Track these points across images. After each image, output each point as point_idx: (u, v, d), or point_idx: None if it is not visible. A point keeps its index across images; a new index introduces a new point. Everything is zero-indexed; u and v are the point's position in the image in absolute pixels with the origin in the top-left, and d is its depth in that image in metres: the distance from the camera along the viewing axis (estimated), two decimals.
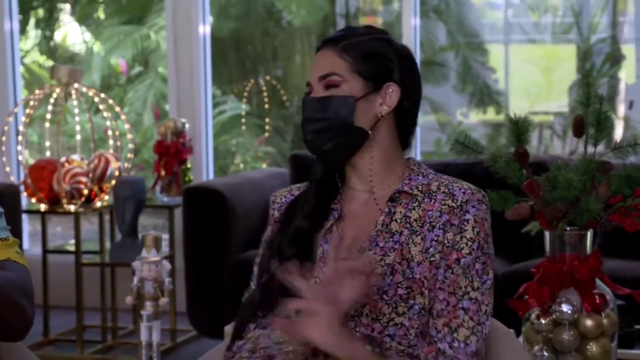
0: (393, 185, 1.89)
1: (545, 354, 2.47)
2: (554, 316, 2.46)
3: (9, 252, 1.74)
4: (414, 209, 1.85)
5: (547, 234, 2.50)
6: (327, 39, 1.90)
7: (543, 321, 2.47)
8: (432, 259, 1.81)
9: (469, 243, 1.81)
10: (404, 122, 1.92)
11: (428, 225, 1.83)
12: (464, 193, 1.83)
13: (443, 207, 1.83)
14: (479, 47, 7.88)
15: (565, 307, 2.45)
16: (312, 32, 7.62)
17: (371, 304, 1.79)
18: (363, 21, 7.85)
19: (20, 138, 4.84)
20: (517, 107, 7.46)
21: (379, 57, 1.89)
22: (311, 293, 1.69)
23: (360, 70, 1.87)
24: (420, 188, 1.87)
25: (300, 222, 1.88)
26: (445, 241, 1.82)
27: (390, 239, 1.83)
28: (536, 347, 2.48)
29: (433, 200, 1.84)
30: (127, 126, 5.04)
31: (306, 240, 1.86)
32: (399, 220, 1.85)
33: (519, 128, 2.47)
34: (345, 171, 1.93)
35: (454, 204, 1.82)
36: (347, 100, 1.85)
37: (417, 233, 1.83)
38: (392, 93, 1.89)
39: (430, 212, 1.83)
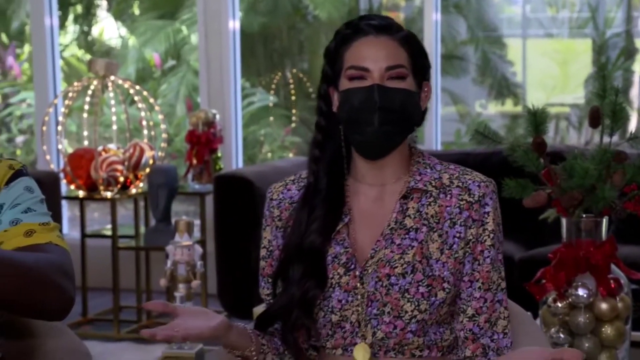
0: (402, 178, 1.80)
1: (562, 335, 2.46)
2: (570, 300, 2.46)
3: (51, 235, 1.74)
4: (429, 204, 1.77)
5: (563, 220, 2.49)
6: (378, 27, 1.76)
7: (559, 304, 2.46)
8: (456, 255, 1.76)
9: (491, 235, 1.78)
10: (424, 115, 1.87)
11: (448, 221, 1.77)
12: (479, 187, 1.77)
13: (461, 202, 1.77)
14: (497, 41, 7.84)
15: (581, 291, 2.44)
16: (337, 27, 7.60)
17: (393, 303, 1.74)
18: None
19: (59, 128, 4.86)
20: (534, 99, 7.40)
21: (423, 54, 1.81)
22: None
23: (414, 66, 1.78)
24: (433, 183, 1.78)
25: (312, 237, 1.77)
26: (470, 236, 1.77)
27: (407, 236, 1.77)
28: (553, 330, 2.48)
29: (449, 196, 1.77)
30: (160, 117, 5.06)
31: (319, 256, 1.77)
32: (412, 216, 1.77)
33: (537, 119, 2.45)
34: (354, 163, 1.83)
35: (472, 199, 1.77)
36: (415, 96, 1.78)
37: (435, 230, 1.76)
38: (427, 92, 1.83)
39: (448, 209, 1.77)
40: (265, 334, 1.84)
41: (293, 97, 7.48)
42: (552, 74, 7.94)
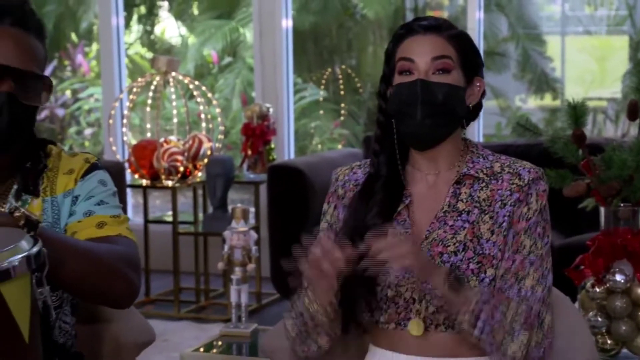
0: (457, 167, 1.83)
1: (599, 319, 2.43)
2: (607, 285, 2.42)
3: (121, 228, 1.76)
4: (481, 189, 1.80)
5: (602, 209, 2.46)
6: (427, 27, 1.77)
7: (597, 289, 2.43)
8: (504, 233, 1.78)
9: (533, 212, 1.79)
10: (478, 109, 1.86)
11: (499, 203, 1.79)
12: (529, 172, 1.80)
13: (512, 186, 1.79)
14: (537, 38, 7.76)
15: (618, 277, 2.41)
16: (384, 25, 7.57)
17: None
18: (430, 15, 7.78)
19: (124, 121, 4.91)
20: (573, 93, 7.32)
21: (474, 51, 1.81)
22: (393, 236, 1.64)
23: (462, 62, 1.78)
24: (484, 171, 1.81)
25: (374, 220, 1.79)
26: (514, 215, 1.78)
27: (459, 218, 1.79)
28: (591, 313, 2.44)
29: (500, 181, 1.80)
30: (217, 111, 5.08)
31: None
32: (464, 200, 1.80)
33: (577, 112, 2.42)
34: (411, 153, 1.85)
35: (521, 183, 1.79)
36: (459, 90, 1.78)
37: (486, 212, 1.79)
38: (479, 87, 1.82)
39: (500, 192, 1.79)
40: None
41: (342, 92, 7.47)
42: (590, 69, 7.84)
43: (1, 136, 1.66)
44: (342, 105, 7.42)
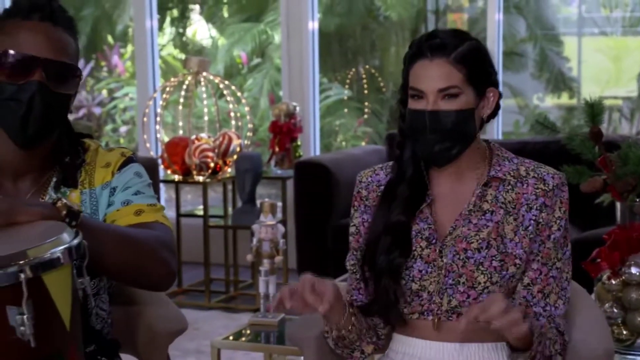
0: (480, 168, 1.83)
1: (615, 310, 2.41)
2: (623, 277, 2.40)
3: (157, 215, 1.77)
4: (507, 191, 1.80)
5: (618, 204, 2.44)
6: (434, 47, 1.74)
7: (613, 282, 2.41)
8: (530, 235, 1.78)
9: (558, 221, 1.80)
10: (495, 113, 1.84)
11: (525, 206, 1.79)
12: (552, 178, 1.80)
13: (537, 190, 1.79)
14: (554, 39, 7.70)
15: (634, 270, 2.39)
16: (406, 27, 7.55)
17: (468, 274, 1.77)
18: (451, 17, 7.73)
19: (158, 119, 4.93)
20: (589, 92, 7.26)
21: (483, 64, 1.78)
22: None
23: (472, 80, 1.75)
24: (511, 174, 1.81)
25: (398, 217, 1.80)
26: (541, 220, 1.78)
27: (483, 217, 1.79)
28: (607, 305, 2.42)
29: (526, 185, 1.80)
30: (246, 109, 5.09)
31: (403, 231, 1.81)
32: (490, 201, 1.80)
33: (594, 110, 2.40)
34: None
35: (546, 188, 1.79)
36: (467, 114, 1.76)
37: (511, 214, 1.79)
38: (492, 97, 1.80)
39: (525, 195, 1.79)
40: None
41: (365, 91, 7.45)
42: (605, 69, 7.78)
43: (36, 123, 1.68)
44: (366, 104, 7.40)
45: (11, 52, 1.66)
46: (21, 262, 1.28)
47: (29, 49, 1.66)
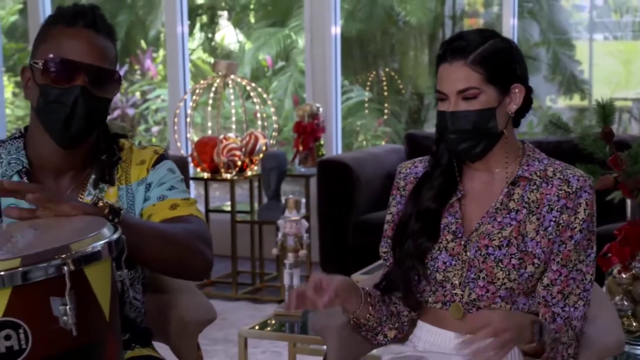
0: (511, 167, 1.80)
1: (625, 303, 2.39)
2: (633, 271, 2.38)
3: (191, 209, 1.79)
4: (532, 191, 1.77)
5: (628, 201, 2.43)
6: (454, 50, 1.74)
7: (624, 275, 2.40)
8: (550, 236, 1.75)
9: (580, 223, 1.76)
10: (520, 109, 1.80)
11: (547, 207, 1.76)
12: (577, 180, 1.76)
13: (560, 192, 1.76)
14: (567, 43, 7.64)
15: None
16: (424, 32, 7.52)
17: (488, 270, 1.75)
18: (467, 22, 7.70)
19: (188, 120, 4.94)
20: (600, 94, 7.20)
21: (505, 62, 1.75)
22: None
23: (493, 79, 1.73)
24: (538, 174, 1.78)
25: (428, 203, 1.81)
26: (561, 221, 1.75)
27: (508, 215, 1.77)
28: (617, 297, 2.41)
29: (550, 185, 1.77)
30: (272, 110, 5.09)
31: (432, 217, 1.80)
32: (516, 200, 1.78)
33: (605, 111, 2.38)
34: None
35: (569, 190, 1.75)
36: (488, 112, 1.74)
37: (534, 213, 1.76)
38: (518, 93, 1.77)
39: (548, 196, 1.76)
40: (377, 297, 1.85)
41: (385, 93, 7.43)
42: (616, 71, 7.71)
43: (78, 125, 1.70)
44: (385, 105, 7.38)
45: (56, 58, 1.68)
46: (64, 255, 1.29)
47: (73, 54, 1.68)
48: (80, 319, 1.30)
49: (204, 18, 8.21)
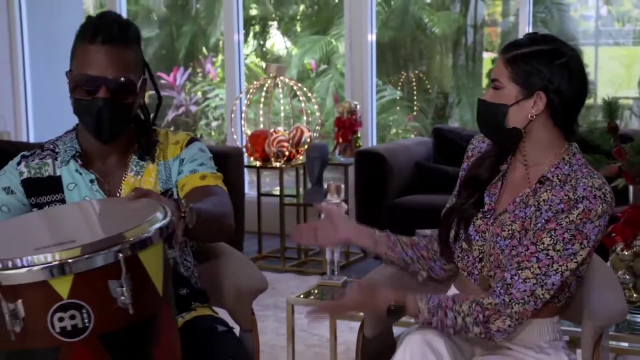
0: (545, 166, 1.69)
1: (627, 277, 2.36)
2: (634, 249, 2.34)
3: (218, 181, 1.83)
4: (547, 191, 1.66)
5: (631, 187, 2.38)
6: (507, 46, 1.70)
7: (626, 253, 2.36)
8: (537, 232, 1.64)
9: (568, 222, 1.61)
10: (557, 116, 1.67)
11: (547, 207, 1.65)
12: (584, 189, 1.61)
13: (564, 197, 1.62)
14: (575, 48, 7.51)
15: None
16: (448, 39, 7.44)
17: (495, 256, 1.70)
18: (486, 31, 7.59)
19: (243, 115, 4.95)
20: (604, 93, 7.07)
21: (533, 71, 1.64)
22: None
23: (517, 80, 1.65)
24: (560, 177, 1.65)
25: (484, 172, 1.77)
26: (549, 219, 1.63)
27: (522, 210, 1.69)
28: (620, 272, 2.37)
29: (561, 189, 1.63)
30: (315, 107, 5.08)
31: (480, 185, 1.77)
32: (536, 198, 1.68)
33: (611, 107, 2.34)
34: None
35: (572, 197, 1.61)
36: (500, 107, 1.68)
37: (541, 212, 1.66)
38: (539, 100, 1.66)
39: (553, 198, 1.64)
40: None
41: (414, 92, 7.38)
42: (619, 74, 7.57)
43: (106, 129, 1.75)
44: (415, 103, 7.33)
45: (80, 75, 1.71)
46: (120, 243, 1.30)
47: (95, 70, 1.70)
48: (136, 298, 1.30)
49: (257, 27, 8.22)
